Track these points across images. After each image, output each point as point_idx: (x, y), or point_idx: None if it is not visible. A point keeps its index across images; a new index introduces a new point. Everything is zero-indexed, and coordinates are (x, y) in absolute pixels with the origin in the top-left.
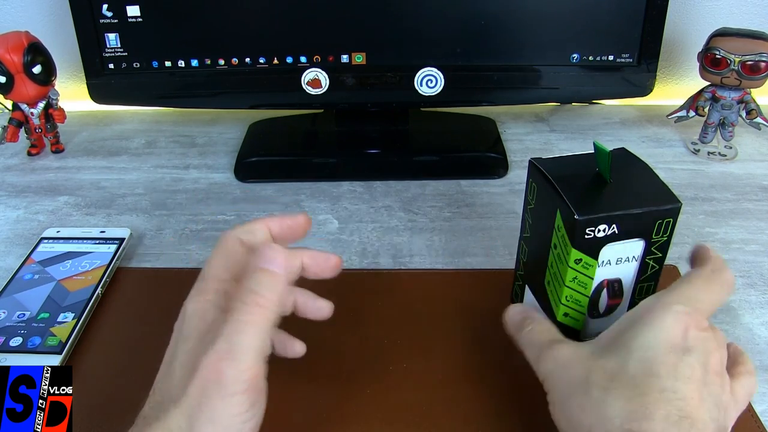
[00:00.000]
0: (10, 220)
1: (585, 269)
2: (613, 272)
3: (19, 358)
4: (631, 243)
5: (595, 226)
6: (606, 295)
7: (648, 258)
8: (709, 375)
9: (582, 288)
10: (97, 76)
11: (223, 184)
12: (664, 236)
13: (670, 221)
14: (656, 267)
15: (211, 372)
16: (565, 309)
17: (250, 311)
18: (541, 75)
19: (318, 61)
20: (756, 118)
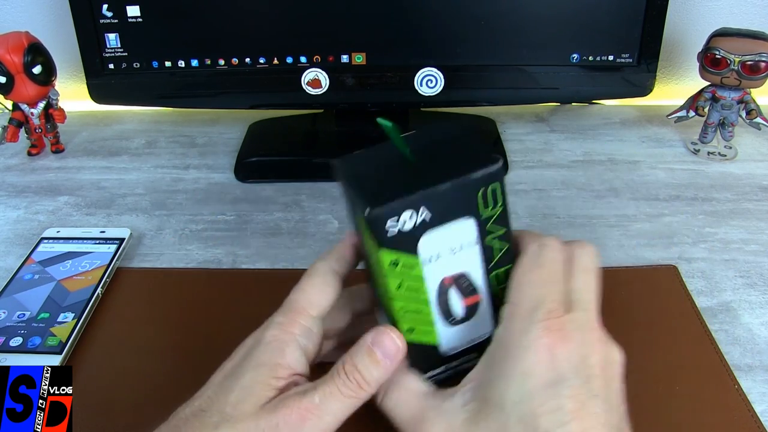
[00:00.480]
0: (10, 220)
1: (408, 271)
2: (453, 267)
3: (19, 358)
4: (457, 226)
5: (396, 216)
6: (458, 296)
7: (488, 238)
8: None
9: (414, 295)
10: (97, 76)
11: (223, 184)
12: (497, 207)
13: (497, 187)
14: (505, 245)
15: (294, 418)
16: (407, 324)
17: (350, 387)
18: (541, 75)
19: (318, 61)
20: (756, 118)
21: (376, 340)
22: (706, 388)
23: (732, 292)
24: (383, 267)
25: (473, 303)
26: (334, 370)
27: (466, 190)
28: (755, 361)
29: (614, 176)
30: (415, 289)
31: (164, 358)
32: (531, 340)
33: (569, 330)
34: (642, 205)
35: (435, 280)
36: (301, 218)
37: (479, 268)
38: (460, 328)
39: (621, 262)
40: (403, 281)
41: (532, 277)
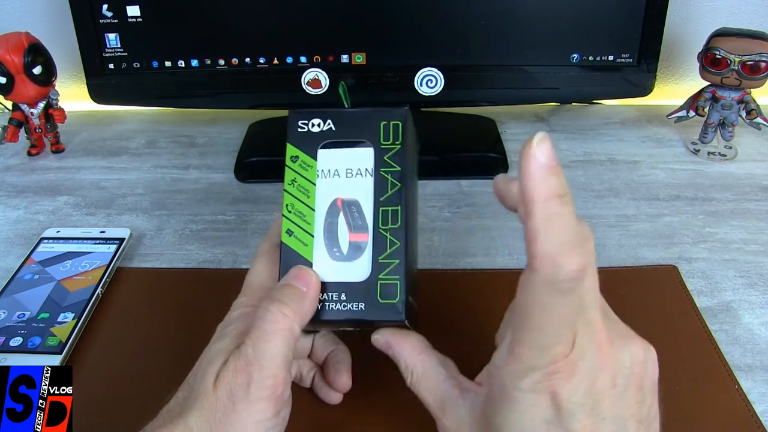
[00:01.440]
0: (10, 220)
1: (304, 170)
2: (346, 190)
3: (19, 358)
4: (358, 150)
5: (307, 119)
6: (345, 226)
7: (383, 171)
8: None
9: (304, 195)
10: (97, 76)
11: (223, 184)
12: (396, 143)
13: (398, 125)
14: (397, 185)
15: (238, 376)
16: (288, 224)
17: (273, 320)
18: (541, 75)
19: (318, 61)
20: (756, 118)
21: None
22: (706, 388)
23: (732, 292)
24: (285, 160)
25: (358, 241)
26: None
27: (369, 117)
28: (755, 361)
29: (614, 176)
30: (305, 190)
31: (164, 358)
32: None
33: (573, 363)
34: (642, 205)
35: (328, 196)
36: None
37: (370, 198)
38: (339, 265)
39: (621, 262)
40: (296, 178)
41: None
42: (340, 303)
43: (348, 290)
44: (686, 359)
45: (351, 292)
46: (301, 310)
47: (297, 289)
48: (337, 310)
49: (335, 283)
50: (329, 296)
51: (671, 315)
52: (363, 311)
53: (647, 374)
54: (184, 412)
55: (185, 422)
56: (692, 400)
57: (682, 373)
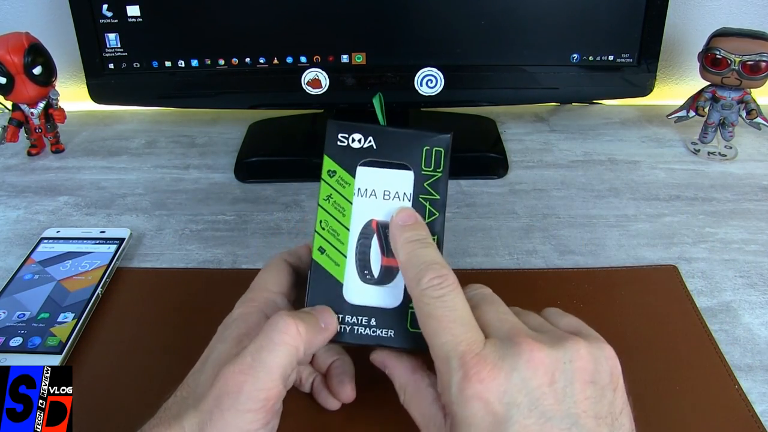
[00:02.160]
0: (10, 220)
1: (341, 186)
2: (382, 212)
3: (19, 358)
4: (398, 173)
5: (348, 133)
6: (378, 249)
7: (422, 197)
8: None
9: (339, 213)
10: (97, 76)
11: (223, 184)
12: (437, 171)
13: (441, 152)
14: (435, 214)
15: (231, 384)
16: (321, 241)
17: (283, 331)
18: (541, 75)
19: (318, 61)
20: (756, 118)
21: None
22: (706, 388)
23: (732, 292)
24: (322, 174)
25: (391, 266)
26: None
27: (412, 140)
28: (755, 361)
29: (614, 176)
30: (340, 208)
31: (164, 358)
32: (458, 395)
33: (494, 361)
34: (642, 205)
35: (363, 216)
36: (301, 218)
37: None
38: (370, 288)
39: (621, 262)
40: (333, 194)
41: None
42: (369, 328)
43: (378, 316)
44: (686, 359)
45: (381, 318)
46: (313, 338)
47: (317, 320)
48: (365, 335)
49: (365, 306)
50: (358, 320)
51: (671, 315)
52: (392, 338)
53: (600, 370)
54: (181, 412)
55: (180, 423)
56: (692, 400)
57: (682, 373)
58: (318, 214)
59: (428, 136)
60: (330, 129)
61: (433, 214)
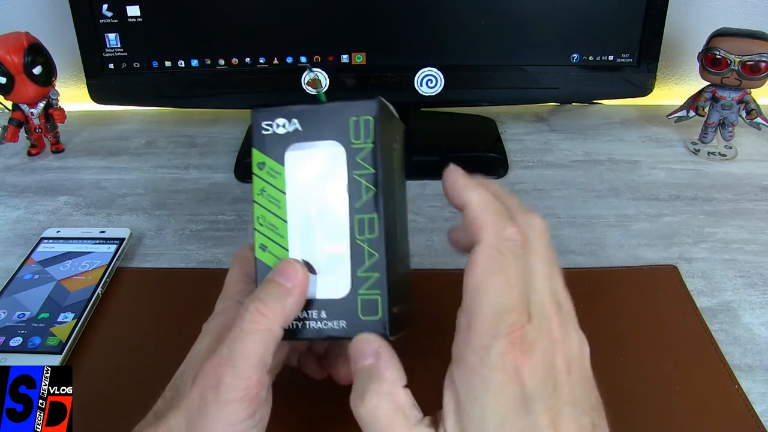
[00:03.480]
0: (10, 220)
1: (272, 177)
2: (318, 197)
3: (19, 358)
4: (325, 148)
5: (271, 119)
6: (322, 236)
7: (356, 174)
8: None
9: (275, 206)
10: (97, 76)
11: (223, 184)
12: (368, 142)
13: (369, 120)
14: (372, 190)
15: (210, 377)
16: (262, 239)
17: (253, 320)
18: (541, 75)
19: (318, 61)
20: (756, 118)
21: (275, 271)
22: (706, 388)
23: (732, 292)
24: (252, 167)
25: (335, 253)
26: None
27: (337, 113)
28: (755, 361)
29: (614, 176)
30: (275, 200)
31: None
32: (496, 358)
33: (532, 340)
34: (642, 205)
35: (300, 204)
36: None
37: (345, 206)
38: (316, 279)
39: (621, 262)
40: (265, 187)
41: (495, 281)
42: (320, 321)
43: (327, 307)
44: (686, 359)
45: (331, 309)
46: (283, 309)
47: (281, 286)
48: (317, 329)
49: (313, 300)
50: (309, 314)
51: (671, 315)
52: (345, 329)
53: (586, 365)
54: (167, 412)
55: (167, 423)
56: (692, 400)
57: (682, 373)
58: (255, 211)
59: (352, 105)
60: (254, 118)
61: (369, 191)
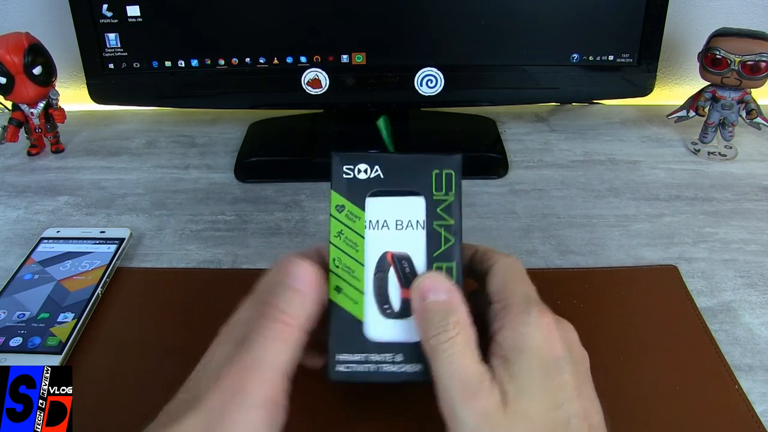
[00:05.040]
0: (10, 220)
1: (351, 221)
2: (397, 243)
3: (19, 358)
4: (408, 200)
5: (353, 164)
6: (397, 281)
7: (436, 224)
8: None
9: (352, 249)
10: (97, 76)
11: (223, 184)
12: (449, 194)
13: (451, 174)
14: (450, 240)
15: (234, 382)
16: (336, 280)
17: (276, 328)
18: (541, 75)
19: (318, 61)
20: (756, 118)
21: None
22: (706, 388)
23: (732, 292)
24: (330, 210)
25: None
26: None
27: (421, 165)
28: (755, 361)
29: (614, 176)
30: (353, 243)
31: (164, 358)
32: (535, 319)
33: (556, 318)
34: (642, 205)
35: (377, 249)
36: (301, 218)
37: (423, 254)
38: (392, 323)
39: (621, 262)
40: (343, 230)
41: (518, 279)
42: (395, 365)
43: (403, 351)
44: (686, 359)
45: (407, 353)
46: (303, 312)
47: (294, 290)
48: (393, 373)
49: (389, 343)
50: (383, 357)
51: (671, 315)
52: (420, 373)
53: None
54: (181, 414)
55: (181, 424)
56: (692, 400)
57: (682, 373)
58: (330, 252)
59: (437, 159)
60: (334, 162)
61: (448, 241)
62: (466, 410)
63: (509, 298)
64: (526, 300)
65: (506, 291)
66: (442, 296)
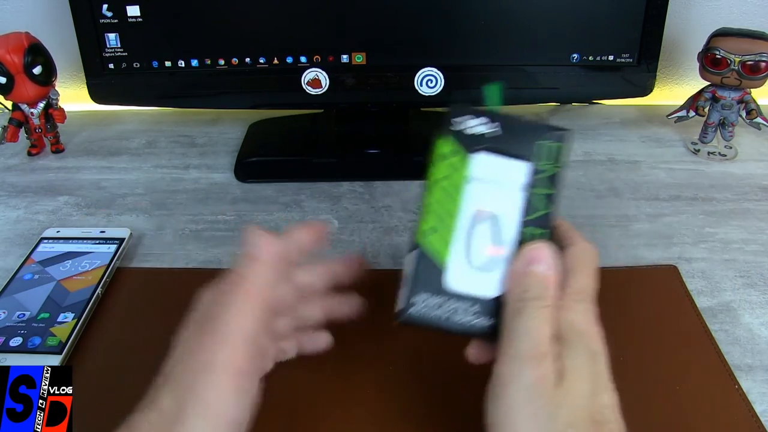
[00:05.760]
0: (10, 220)
1: (454, 170)
2: (493, 201)
3: (19, 358)
4: (513, 162)
5: (471, 116)
6: (485, 238)
7: (536, 191)
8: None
9: (449, 198)
10: (97, 76)
11: (223, 184)
12: (554, 165)
13: (560, 147)
14: (548, 209)
15: (201, 353)
16: (432, 222)
17: (239, 296)
18: (541, 75)
19: (318, 61)
20: (756, 118)
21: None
22: (706, 388)
23: (732, 292)
24: (437, 153)
25: (496, 255)
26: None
27: (534, 132)
28: (755, 361)
29: (614, 176)
30: (451, 192)
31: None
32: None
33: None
34: (642, 205)
35: (473, 202)
36: (301, 218)
37: (516, 215)
38: (473, 276)
39: (621, 262)
40: (446, 176)
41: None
42: (469, 314)
43: (479, 304)
44: (686, 359)
45: (482, 307)
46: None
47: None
48: (464, 323)
49: (466, 295)
50: (459, 306)
51: (671, 315)
52: (490, 328)
53: None
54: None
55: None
56: (692, 400)
57: (682, 373)
58: (428, 195)
59: (549, 129)
60: (453, 110)
61: (545, 208)
62: (530, 369)
63: (570, 284)
64: (585, 291)
65: (571, 276)
66: (549, 271)
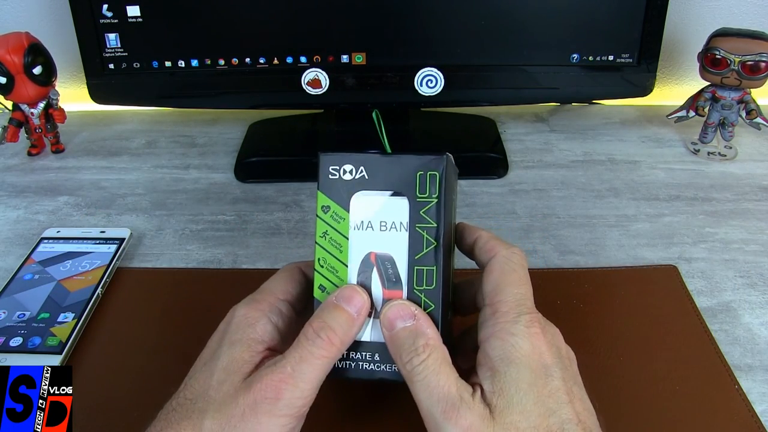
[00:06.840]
0: (10, 220)
1: (336, 222)
2: (380, 244)
3: (19, 358)
4: (392, 200)
5: (339, 165)
6: (379, 282)
7: (419, 226)
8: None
9: (336, 250)
10: (97, 76)
11: (223, 184)
12: (432, 197)
13: (436, 175)
14: (432, 243)
15: (269, 390)
16: (321, 279)
17: (321, 345)
18: (541, 75)
19: (318, 61)
20: (756, 118)
21: (340, 296)
22: (706, 388)
23: (732, 292)
24: (317, 210)
25: (393, 299)
26: (301, 335)
27: (404, 166)
28: (755, 361)
29: (614, 176)
30: (337, 244)
31: (164, 358)
32: (523, 329)
33: (543, 324)
34: (642, 205)
35: (361, 249)
36: (301, 218)
37: (404, 256)
38: (372, 323)
39: (621, 262)
40: (328, 230)
41: (512, 278)
42: (373, 363)
43: (382, 351)
44: (686, 359)
45: (385, 353)
46: (347, 337)
47: (348, 314)
48: (369, 370)
49: (368, 342)
50: (362, 355)
51: (671, 315)
52: (396, 373)
53: None
54: (193, 414)
55: (196, 425)
56: (692, 400)
57: (682, 373)
58: (316, 252)
59: (421, 160)
60: (321, 162)
61: (430, 244)
62: (452, 428)
63: (500, 304)
64: (517, 305)
65: (498, 294)
66: (409, 322)
